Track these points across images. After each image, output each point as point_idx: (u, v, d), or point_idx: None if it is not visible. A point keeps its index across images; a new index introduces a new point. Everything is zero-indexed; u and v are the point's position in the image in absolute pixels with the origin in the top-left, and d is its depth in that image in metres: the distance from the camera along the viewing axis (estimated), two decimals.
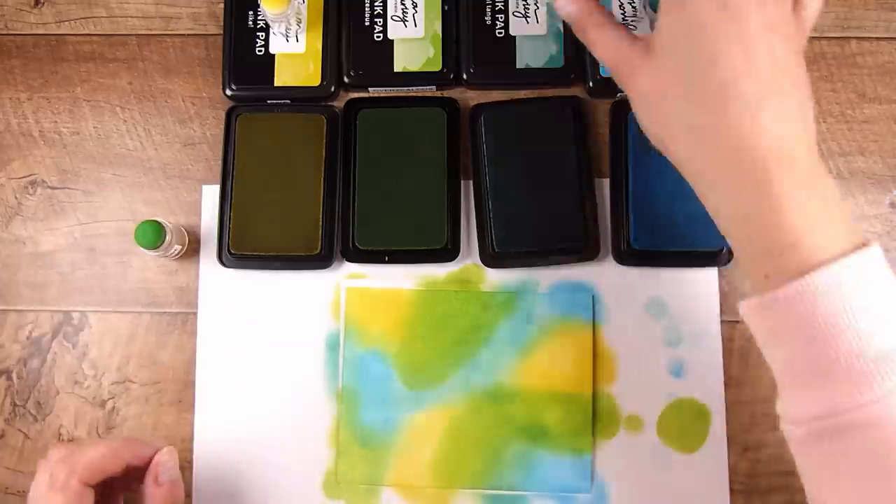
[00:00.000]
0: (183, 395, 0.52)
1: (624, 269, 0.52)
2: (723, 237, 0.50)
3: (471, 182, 0.53)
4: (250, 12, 0.54)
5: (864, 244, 0.35)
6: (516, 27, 0.53)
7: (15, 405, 0.52)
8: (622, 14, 0.53)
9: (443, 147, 0.52)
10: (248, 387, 0.51)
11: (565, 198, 0.51)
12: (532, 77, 0.54)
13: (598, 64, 0.53)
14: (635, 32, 0.53)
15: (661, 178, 0.51)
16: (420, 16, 0.54)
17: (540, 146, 0.52)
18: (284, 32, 0.54)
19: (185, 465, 0.51)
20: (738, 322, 0.52)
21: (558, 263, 0.52)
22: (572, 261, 0.52)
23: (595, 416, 0.50)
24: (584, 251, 0.51)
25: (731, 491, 0.50)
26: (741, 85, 0.36)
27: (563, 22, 0.53)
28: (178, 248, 0.51)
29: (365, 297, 0.52)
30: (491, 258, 0.51)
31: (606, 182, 0.53)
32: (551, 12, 0.54)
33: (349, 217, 0.52)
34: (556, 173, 0.52)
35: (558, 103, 0.53)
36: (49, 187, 0.54)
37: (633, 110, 0.41)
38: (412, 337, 0.51)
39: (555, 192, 0.52)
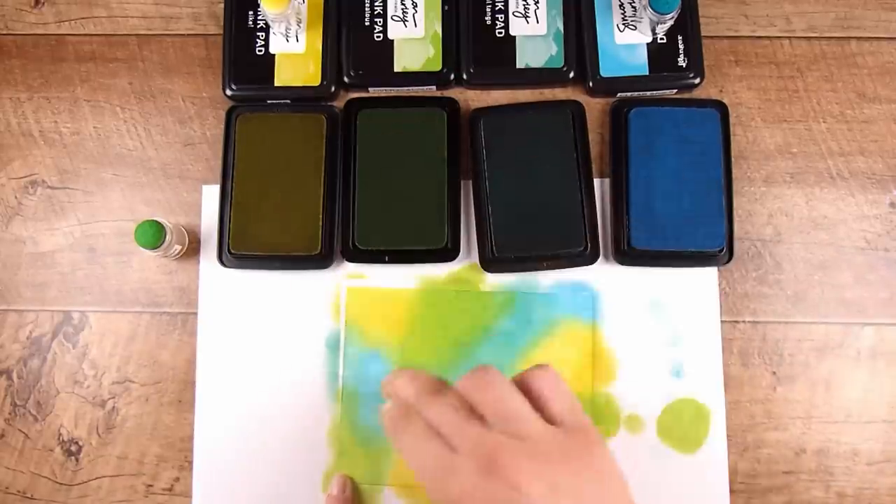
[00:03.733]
0: (183, 395, 0.52)
1: (624, 269, 0.52)
2: (723, 236, 0.51)
3: (471, 182, 0.53)
4: (250, 12, 0.54)
5: None
6: (516, 27, 0.53)
7: (15, 405, 0.52)
8: (622, 14, 0.53)
9: (443, 147, 0.52)
10: (249, 387, 0.51)
11: (565, 203, 0.51)
12: (532, 77, 0.54)
13: (598, 63, 0.53)
14: (635, 33, 0.53)
15: (661, 178, 0.52)
16: (420, 16, 0.54)
17: (539, 151, 0.52)
18: (284, 32, 0.54)
19: (186, 465, 0.51)
20: (738, 322, 0.52)
21: (558, 268, 0.52)
22: (571, 266, 0.52)
23: (595, 416, 0.50)
24: (584, 257, 0.51)
25: (731, 491, 0.50)
26: None
27: (564, 22, 0.53)
28: (178, 248, 0.51)
29: (365, 297, 0.52)
30: (491, 263, 0.51)
31: (606, 182, 0.53)
32: (551, 12, 0.54)
33: (349, 217, 0.52)
34: (555, 178, 0.52)
35: (558, 108, 0.53)
36: (49, 187, 0.54)
37: None
38: (412, 337, 0.51)
39: (554, 198, 0.52)
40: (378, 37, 0.54)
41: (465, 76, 0.53)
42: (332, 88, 0.53)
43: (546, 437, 0.35)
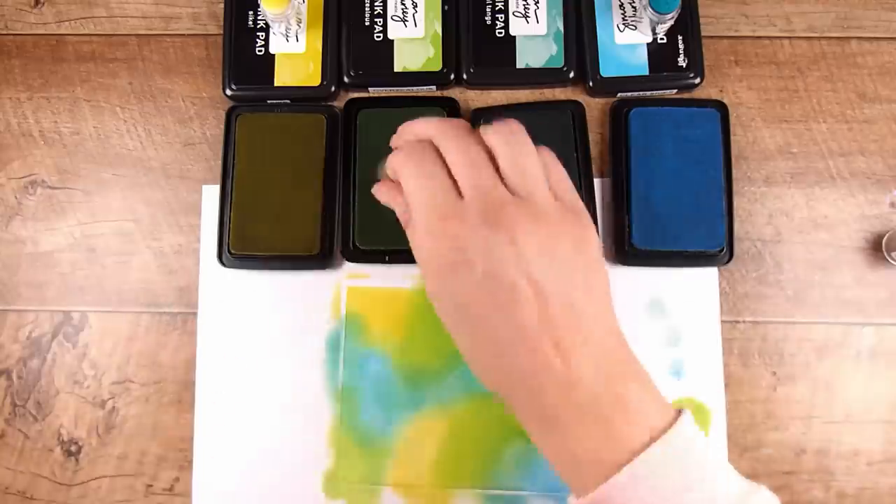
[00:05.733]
0: (183, 395, 0.52)
1: (624, 269, 0.52)
2: (723, 236, 0.51)
3: None
4: (250, 12, 0.54)
5: (672, 423, 0.35)
6: (516, 27, 0.53)
7: (15, 405, 0.52)
8: (622, 14, 0.53)
9: None
10: (248, 386, 0.51)
11: None
12: (532, 77, 0.54)
13: (598, 63, 0.53)
14: (635, 33, 0.53)
15: (661, 178, 0.52)
16: (420, 16, 0.54)
17: None
18: (284, 32, 0.54)
19: (185, 465, 0.51)
20: (738, 322, 0.52)
21: None
22: None
23: None
24: None
25: None
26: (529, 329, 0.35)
27: (564, 22, 0.53)
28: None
29: (366, 296, 0.52)
30: None
31: (606, 182, 0.53)
32: (551, 12, 0.54)
33: (349, 217, 0.52)
34: None
35: (558, 107, 0.53)
36: (49, 187, 0.54)
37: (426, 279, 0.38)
38: (412, 336, 0.51)
39: None
40: (378, 37, 0.54)
41: (465, 76, 0.53)
42: (332, 88, 0.53)
43: (550, 205, 0.37)
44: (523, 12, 0.54)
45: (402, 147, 0.39)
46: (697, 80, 0.53)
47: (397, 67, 0.54)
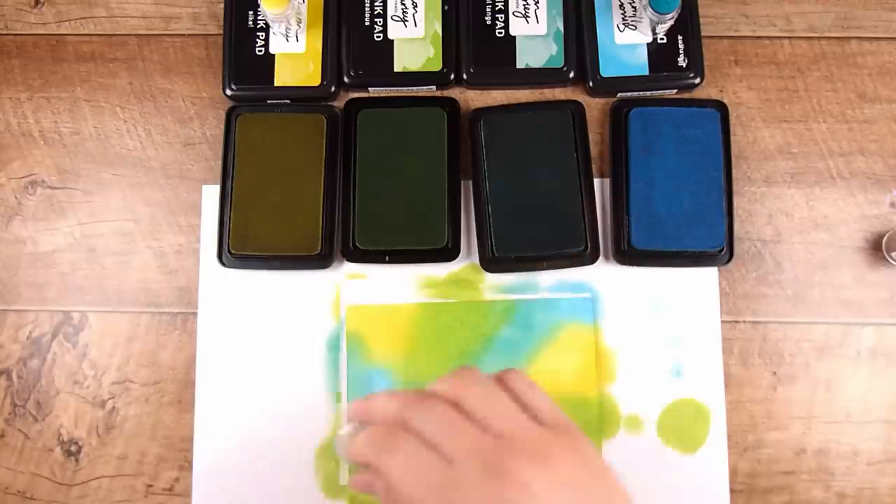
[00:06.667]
0: (183, 395, 0.52)
1: (624, 269, 0.52)
2: (723, 236, 0.51)
3: (471, 182, 0.53)
4: (250, 12, 0.54)
5: None
6: (516, 27, 0.53)
7: (15, 405, 0.52)
8: (622, 14, 0.53)
9: (443, 147, 0.52)
10: (248, 387, 0.51)
11: (565, 203, 0.51)
12: (532, 77, 0.54)
13: (598, 63, 0.53)
14: (635, 33, 0.53)
15: (661, 178, 0.52)
16: (420, 16, 0.54)
17: (539, 151, 0.52)
18: (284, 32, 0.54)
19: (185, 465, 0.51)
20: (738, 322, 0.52)
21: (558, 268, 0.52)
22: (571, 266, 0.52)
23: (596, 417, 0.50)
24: (584, 257, 0.51)
25: (731, 491, 0.50)
26: None
27: (564, 22, 0.53)
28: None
29: (365, 314, 0.51)
30: (491, 263, 0.51)
31: (606, 182, 0.53)
32: (551, 12, 0.54)
33: (349, 217, 0.52)
34: (555, 179, 0.52)
35: (558, 108, 0.53)
36: (49, 187, 0.54)
37: None
38: (415, 350, 0.51)
39: (554, 198, 0.52)
40: (378, 37, 0.54)
41: (465, 76, 0.53)
42: (332, 88, 0.53)
43: (540, 436, 0.35)
44: (523, 12, 0.54)
45: (369, 433, 0.36)
46: (697, 80, 0.53)
47: (397, 67, 0.54)
